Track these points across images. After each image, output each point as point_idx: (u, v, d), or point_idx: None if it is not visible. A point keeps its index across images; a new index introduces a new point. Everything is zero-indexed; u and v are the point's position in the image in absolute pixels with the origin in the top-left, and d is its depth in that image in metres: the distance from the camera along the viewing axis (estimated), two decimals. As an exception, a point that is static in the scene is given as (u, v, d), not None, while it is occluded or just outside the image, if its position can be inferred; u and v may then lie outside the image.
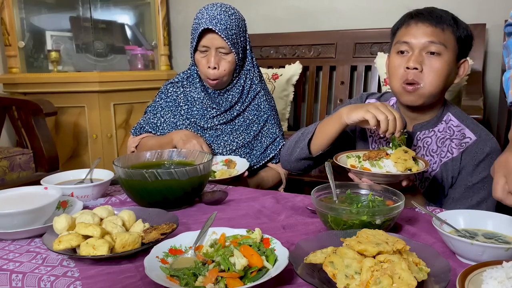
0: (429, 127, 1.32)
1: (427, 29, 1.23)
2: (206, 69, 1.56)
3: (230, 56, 1.56)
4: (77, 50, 3.24)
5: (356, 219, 0.91)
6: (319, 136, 1.34)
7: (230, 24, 1.52)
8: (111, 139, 3.05)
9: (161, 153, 1.30)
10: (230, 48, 1.54)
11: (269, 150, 1.68)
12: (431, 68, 1.22)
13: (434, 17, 1.23)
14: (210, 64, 1.54)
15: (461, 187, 1.27)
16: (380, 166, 1.14)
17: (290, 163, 1.44)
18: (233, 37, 1.53)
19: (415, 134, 1.33)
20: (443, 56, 1.22)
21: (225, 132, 1.65)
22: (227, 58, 1.56)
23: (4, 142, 3.03)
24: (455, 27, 1.24)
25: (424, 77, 1.22)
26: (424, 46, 1.22)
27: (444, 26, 1.23)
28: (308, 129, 1.40)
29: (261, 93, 1.68)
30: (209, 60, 1.55)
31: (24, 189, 1.09)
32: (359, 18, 2.83)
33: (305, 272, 0.74)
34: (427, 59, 1.23)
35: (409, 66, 1.22)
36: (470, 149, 1.27)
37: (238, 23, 1.56)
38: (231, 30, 1.53)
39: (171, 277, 0.75)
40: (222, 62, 1.56)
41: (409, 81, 1.23)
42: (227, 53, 1.55)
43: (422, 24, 1.24)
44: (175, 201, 1.13)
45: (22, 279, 0.80)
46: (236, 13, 1.57)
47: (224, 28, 1.51)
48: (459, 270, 0.72)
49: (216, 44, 1.53)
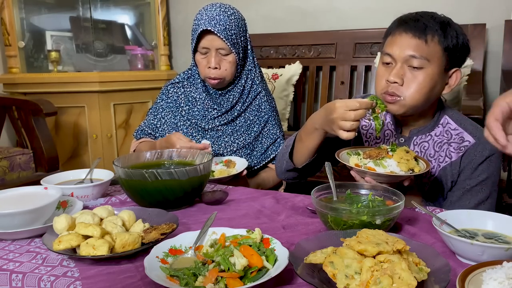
0: (425, 131, 1.31)
1: (410, 40, 1.20)
2: (207, 70, 1.55)
3: (231, 56, 1.55)
4: (77, 50, 3.24)
5: (356, 219, 0.91)
6: (299, 149, 1.31)
7: (229, 25, 1.52)
8: (111, 139, 3.05)
9: (161, 153, 1.30)
10: (230, 49, 1.53)
11: (270, 151, 1.68)
12: (412, 81, 1.20)
13: (419, 27, 1.20)
14: (210, 64, 1.54)
15: (459, 190, 1.26)
16: (383, 166, 1.13)
17: (282, 173, 1.42)
18: (233, 37, 1.53)
19: (412, 139, 1.31)
20: (426, 69, 1.19)
21: (226, 133, 1.65)
22: (227, 59, 1.55)
23: (4, 142, 3.03)
24: (442, 36, 1.19)
25: (404, 90, 1.20)
26: (406, 59, 1.20)
27: (428, 37, 1.19)
28: (289, 141, 1.37)
29: (262, 93, 1.67)
30: (209, 61, 1.54)
31: (24, 189, 1.09)
32: (359, 18, 2.83)
33: (305, 272, 0.74)
34: (409, 72, 1.20)
35: (389, 80, 1.20)
36: (469, 152, 1.25)
37: (237, 23, 1.55)
38: (231, 30, 1.52)
39: (171, 277, 0.75)
40: (223, 62, 1.55)
41: (389, 93, 1.22)
42: (227, 53, 1.54)
43: (406, 35, 1.20)
44: (175, 201, 1.13)
45: (22, 279, 0.80)
46: (235, 13, 1.56)
47: (223, 29, 1.50)
48: (459, 270, 0.72)
49: (216, 45, 1.53)
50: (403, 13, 1.30)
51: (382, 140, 1.38)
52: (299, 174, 1.38)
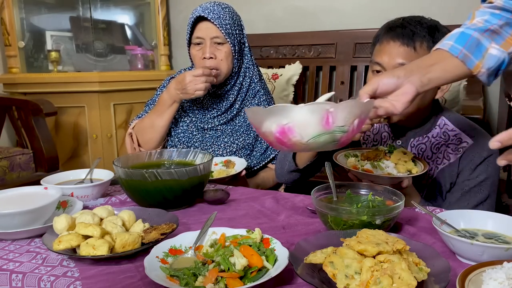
0: (422, 133, 1.31)
1: (399, 49, 1.20)
2: (201, 61, 1.54)
3: (226, 46, 1.54)
4: (77, 50, 3.24)
5: (356, 219, 0.91)
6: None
7: (223, 15, 1.52)
8: (111, 139, 3.05)
9: (161, 153, 1.30)
10: (225, 38, 1.52)
11: (269, 151, 1.68)
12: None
13: (406, 35, 1.20)
14: (205, 54, 1.53)
15: (458, 191, 1.26)
16: (381, 168, 1.14)
17: (283, 175, 1.42)
18: (227, 27, 1.52)
19: (409, 141, 1.31)
20: None
21: (226, 133, 1.65)
22: (222, 49, 1.54)
23: (4, 142, 3.03)
24: (430, 42, 1.19)
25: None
26: (395, 67, 1.19)
27: (417, 44, 1.19)
28: None
29: (261, 92, 1.67)
30: (204, 51, 1.53)
31: (24, 189, 1.09)
32: (359, 18, 2.83)
33: (305, 272, 0.74)
34: None
35: None
36: (467, 154, 1.25)
37: (232, 16, 1.56)
38: (225, 20, 1.52)
39: (171, 277, 0.75)
40: (218, 52, 1.54)
41: None
42: (222, 42, 1.53)
43: (394, 43, 1.21)
44: (175, 201, 1.13)
45: (22, 279, 0.80)
46: (230, 8, 1.58)
47: (217, 17, 1.50)
48: (459, 270, 0.72)
49: (210, 33, 1.51)
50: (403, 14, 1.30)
51: (379, 143, 1.38)
52: (301, 175, 1.38)
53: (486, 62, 0.92)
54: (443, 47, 0.94)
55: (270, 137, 0.86)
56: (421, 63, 0.95)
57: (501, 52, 0.92)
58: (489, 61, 0.92)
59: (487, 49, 0.92)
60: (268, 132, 0.85)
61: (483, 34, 0.91)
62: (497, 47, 0.91)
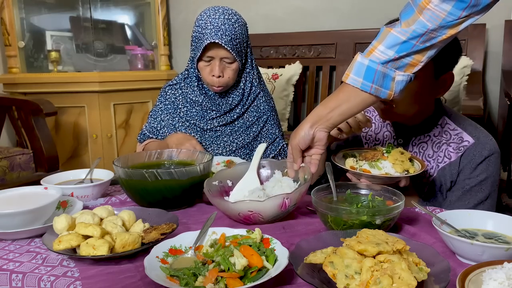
0: (424, 132, 1.31)
1: None
2: (210, 77, 1.55)
3: (235, 64, 1.55)
4: (77, 50, 3.24)
5: (356, 219, 0.91)
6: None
7: (234, 34, 1.51)
8: (111, 139, 3.05)
9: (161, 153, 1.30)
10: (234, 57, 1.53)
11: (269, 151, 1.68)
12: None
13: None
14: (214, 73, 1.53)
15: (458, 190, 1.26)
16: (378, 168, 1.14)
17: None
18: (237, 46, 1.53)
19: (410, 139, 1.32)
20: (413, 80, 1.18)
21: (225, 133, 1.65)
22: (231, 67, 1.55)
23: (4, 142, 3.03)
24: None
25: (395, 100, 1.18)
26: None
27: None
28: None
29: (261, 94, 1.68)
30: (213, 69, 1.54)
31: (24, 189, 1.09)
32: (359, 18, 2.83)
33: (305, 272, 0.74)
34: None
35: None
36: (468, 152, 1.25)
37: (241, 31, 1.54)
38: (236, 39, 1.51)
39: (171, 277, 0.75)
40: (227, 70, 1.55)
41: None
42: (231, 62, 1.55)
43: None
44: (175, 201, 1.13)
45: (22, 279, 0.80)
46: (239, 19, 1.54)
47: (229, 40, 1.49)
48: (459, 270, 0.72)
49: (221, 54, 1.52)
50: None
51: (381, 142, 1.38)
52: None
53: (396, 88, 0.97)
54: (353, 84, 0.98)
55: (235, 217, 1.03)
56: (322, 112, 1.02)
57: (406, 75, 0.97)
58: (399, 86, 0.97)
59: (393, 78, 0.97)
60: (235, 213, 1.02)
61: (386, 66, 0.96)
62: (402, 73, 0.96)
